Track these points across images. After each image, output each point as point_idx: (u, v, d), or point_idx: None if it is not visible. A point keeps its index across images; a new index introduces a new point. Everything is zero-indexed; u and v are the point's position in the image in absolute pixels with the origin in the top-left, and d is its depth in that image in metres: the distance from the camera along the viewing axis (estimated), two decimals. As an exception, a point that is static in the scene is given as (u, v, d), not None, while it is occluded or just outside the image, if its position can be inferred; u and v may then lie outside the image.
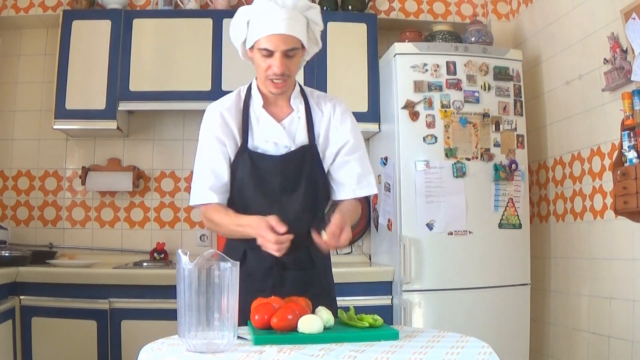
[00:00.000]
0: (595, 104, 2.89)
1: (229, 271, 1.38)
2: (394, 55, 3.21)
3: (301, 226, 1.85)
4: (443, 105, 3.16)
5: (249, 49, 1.86)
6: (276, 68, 1.78)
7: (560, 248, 3.23)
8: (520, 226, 3.20)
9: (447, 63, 3.20)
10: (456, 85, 3.18)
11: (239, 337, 1.44)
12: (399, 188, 3.13)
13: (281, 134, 1.88)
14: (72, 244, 3.57)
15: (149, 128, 3.70)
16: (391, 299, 3.15)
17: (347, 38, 3.51)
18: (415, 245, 3.06)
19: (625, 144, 2.54)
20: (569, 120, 3.15)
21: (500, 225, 3.16)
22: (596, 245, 2.90)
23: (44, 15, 3.55)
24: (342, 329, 1.53)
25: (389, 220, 3.28)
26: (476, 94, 3.20)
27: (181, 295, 1.37)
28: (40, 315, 2.86)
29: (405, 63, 3.19)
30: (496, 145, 3.20)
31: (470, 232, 3.10)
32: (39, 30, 3.68)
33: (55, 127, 3.34)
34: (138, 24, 3.39)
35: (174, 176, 3.68)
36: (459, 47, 3.24)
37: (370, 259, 3.67)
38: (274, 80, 1.82)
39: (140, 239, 3.61)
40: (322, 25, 1.89)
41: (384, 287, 3.16)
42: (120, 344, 2.87)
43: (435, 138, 3.14)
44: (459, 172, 3.12)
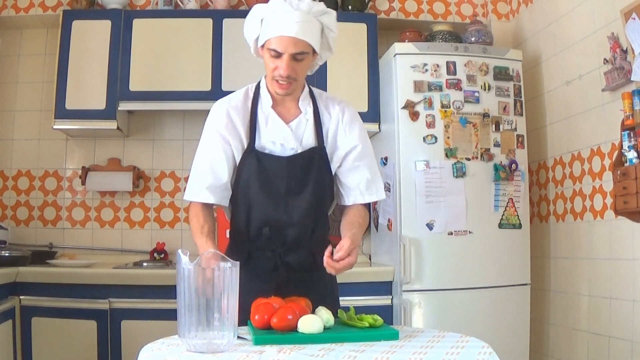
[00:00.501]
0: (595, 104, 2.89)
1: (229, 271, 1.38)
2: (394, 55, 3.21)
3: (305, 227, 1.86)
4: (443, 105, 3.16)
5: (260, 47, 1.84)
6: (282, 70, 1.77)
7: (560, 248, 3.23)
8: (520, 226, 3.20)
9: (447, 63, 3.20)
10: (456, 85, 3.18)
11: (239, 337, 1.44)
12: (399, 188, 3.13)
13: (288, 136, 1.87)
14: (72, 244, 3.57)
15: (149, 128, 3.70)
16: (391, 299, 3.15)
17: (347, 38, 3.50)
18: (415, 245, 3.06)
19: (625, 144, 2.54)
20: (569, 120, 3.15)
21: (500, 225, 3.16)
22: (596, 245, 2.90)
23: (44, 15, 3.55)
24: (342, 329, 1.53)
25: (389, 220, 3.28)
26: (476, 94, 3.20)
27: (181, 295, 1.37)
28: (40, 315, 2.86)
29: (405, 63, 3.19)
30: (496, 145, 3.20)
31: (470, 232, 3.10)
32: (39, 30, 3.68)
33: (55, 127, 3.34)
34: (138, 24, 3.39)
35: (174, 176, 3.68)
36: (459, 47, 3.24)
37: (370, 259, 3.67)
38: (279, 82, 1.81)
39: (140, 239, 3.61)
40: (336, 32, 1.87)
41: (384, 287, 3.16)
42: (120, 344, 2.87)
43: (435, 138, 3.14)
44: (459, 172, 3.12)
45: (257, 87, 1.94)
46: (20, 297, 2.86)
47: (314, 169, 1.87)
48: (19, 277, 2.85)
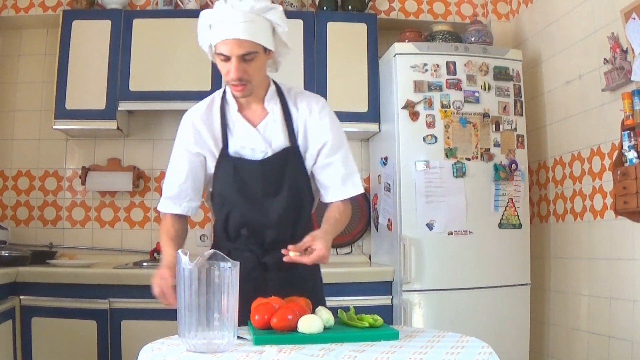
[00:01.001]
0: (595, 104, 2.89)
1: (229, 271, 1.38)
2: (394, 55, 3.21)
3: (284, 228, 1.86)
4: (443, 105, 3.16)
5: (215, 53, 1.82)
6: (232, 73, 1.74)
7: (560, 248, 3.23)
8: (520, 226, 3.20)
9: (447, 63, 3.20)
10: (456, 85, 3.18)
11: (239, 337, 1.44)
12: (399, 188, 3.13)
13: (257, 140, 1.86)
14: (72, 244, 3.57)
15: (149, 128, 3.70)
16: (391, 299, 3.15)
17: (347, 38, 3.51)
18: (415, 245, 3.06)
19: (625, 144, 2.54)
20: (569, 120, 3.15)
21: (500, 225, 3.16)
22: (596, 245, 2.90)
23: (44, 15, 3.55)
24: (342, 329, 1.53)
25: (389, 220, 3.28)
26: (476, 94, 3.20)
27: (181, 295, 1.37)
28: (40, 315, 2.86)
29: (405, 63, 3.18)
30: (496, 145, 3.20)
31: (470, 232, 3.10)
32: (39, 30, 3.68)
33: (55, 127, 3.34)
34: (138, 24, 3.39)
35: (174, 176, 3.68)
36: (459, 47, 3.24)
37: (370, 259, 3.67)
38: (233, 85, 1.78)
39: (140, 239, 3.61)
40: (286, 27, 1.83)
41: (384, 287, 3.16)
42: (120, 344, 2.87)
43: (435, 138, 3.14)
44: (459, 172, 3.12)
45: (224, 93, 1.93)
46: (20, 297, 2.86)
47: (288, 169, 1.86)
48: (19, 277, 2.85)
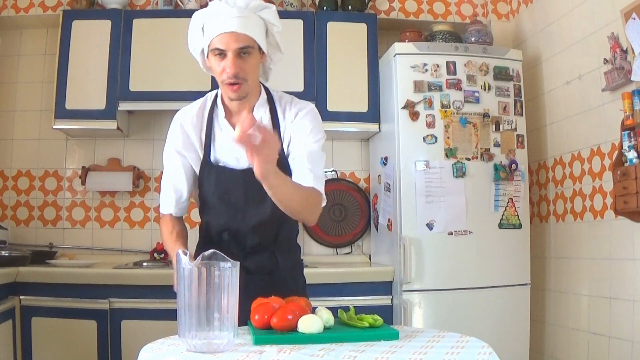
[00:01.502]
0: (595, 104, 2.89)
1: (229, 271, 1.38)
2: (394, 55, 3.21)
3: (267, 234, 1.86)
4: (443, 105, 3.16)
5: (207, 58, 1.80)
6: (229, 68, 1.72)
7: (560, 248, 3.23)
8: (520, 226, 3.20)
9: (447, 63, 3.20)
10: (456, 85, 3.18)
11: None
12: (399, 188, 3.13)
13: (242, 149, 1.84)
14: (72, 244, 3.57)
15: (149, 128, 3.70)
16: (391, 299, 3.15)
17: (347, 38, 3.51)
18: (415, 245, 3.06)
19: (625, 144, 2.54)
20: (568, 120, 3.15)
21: (500, 225, 3.16)
22: (596, 245, 2.90)
23: (44, 15, 3.55)
24: (342, 329, 1.53)
25: (389, 220, 3.28)
26: (476, 94, 3.20)
27: (181, 295, 1.37)
28: (40, 315, 2.86)
29: (405, 63, 3.19)
30: (496, 145, 3.20)
31: (470, 232, 3.10)
32: (39, 30, 3.68)
33: (55, 127, 3.34)
34: (138, 24, 3.39)
35: (174, 176, 3.68)
36: (459, 47, 3.24)
37: (370, 259, 3.67)
38: (230, 83, 1.75)
39: (140, 239, 3.61)
40: (280, 26, 1.82)
41: (384, 287, 3.16)
42: (120, 344, 2.87)
43: (435, 138, 3.14)
44: (459, 172, 3.12)
45: (215, 97, 1.91)
46: (20, 297, 2.86)
47: None
48: (19, 277, 2.84)
